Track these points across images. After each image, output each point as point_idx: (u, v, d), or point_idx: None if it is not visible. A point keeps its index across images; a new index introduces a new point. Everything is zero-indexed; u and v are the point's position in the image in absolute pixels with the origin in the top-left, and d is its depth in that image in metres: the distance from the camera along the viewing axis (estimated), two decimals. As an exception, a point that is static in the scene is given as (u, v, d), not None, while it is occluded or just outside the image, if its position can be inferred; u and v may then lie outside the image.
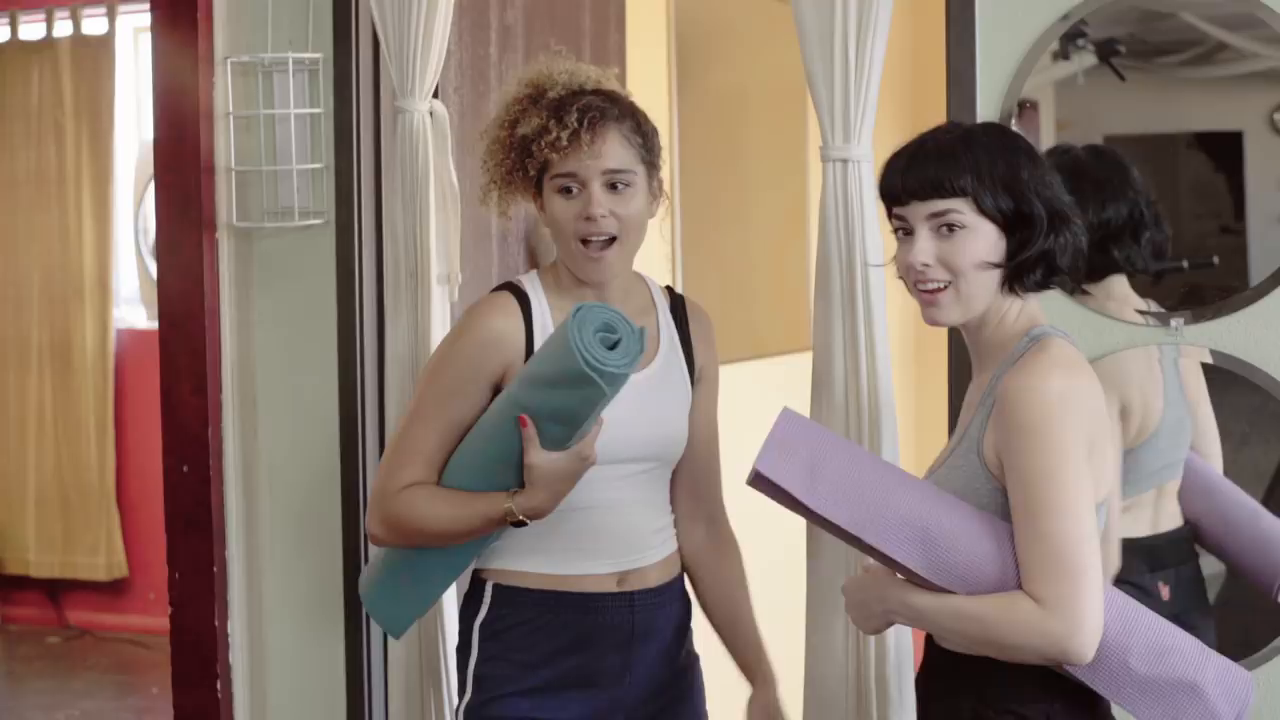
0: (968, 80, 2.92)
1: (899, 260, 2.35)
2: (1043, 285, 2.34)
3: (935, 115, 2.96)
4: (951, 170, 2.27)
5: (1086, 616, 2.15)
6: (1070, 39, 2.88)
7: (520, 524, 2.56)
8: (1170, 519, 2.87)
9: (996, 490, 2.26)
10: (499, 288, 2.75)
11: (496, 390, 2.65)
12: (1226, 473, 2.86)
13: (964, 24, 2.93)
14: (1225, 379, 2.82)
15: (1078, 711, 2.29)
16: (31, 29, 7.06)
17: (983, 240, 2.29)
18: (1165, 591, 2.29)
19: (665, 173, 2.78)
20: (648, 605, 2.71)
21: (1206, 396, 2.85)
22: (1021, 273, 2.31)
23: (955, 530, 2.23)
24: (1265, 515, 2.83)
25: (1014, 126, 2.92)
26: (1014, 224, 2.29)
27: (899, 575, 2.31)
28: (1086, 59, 2.88)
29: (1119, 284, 2.87)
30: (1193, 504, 2.87)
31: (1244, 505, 2.85)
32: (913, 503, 2.25)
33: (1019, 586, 2.19)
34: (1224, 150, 2.86)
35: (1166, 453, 2.85)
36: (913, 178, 2.30)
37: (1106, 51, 2.87)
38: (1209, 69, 2.86)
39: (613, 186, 2.63)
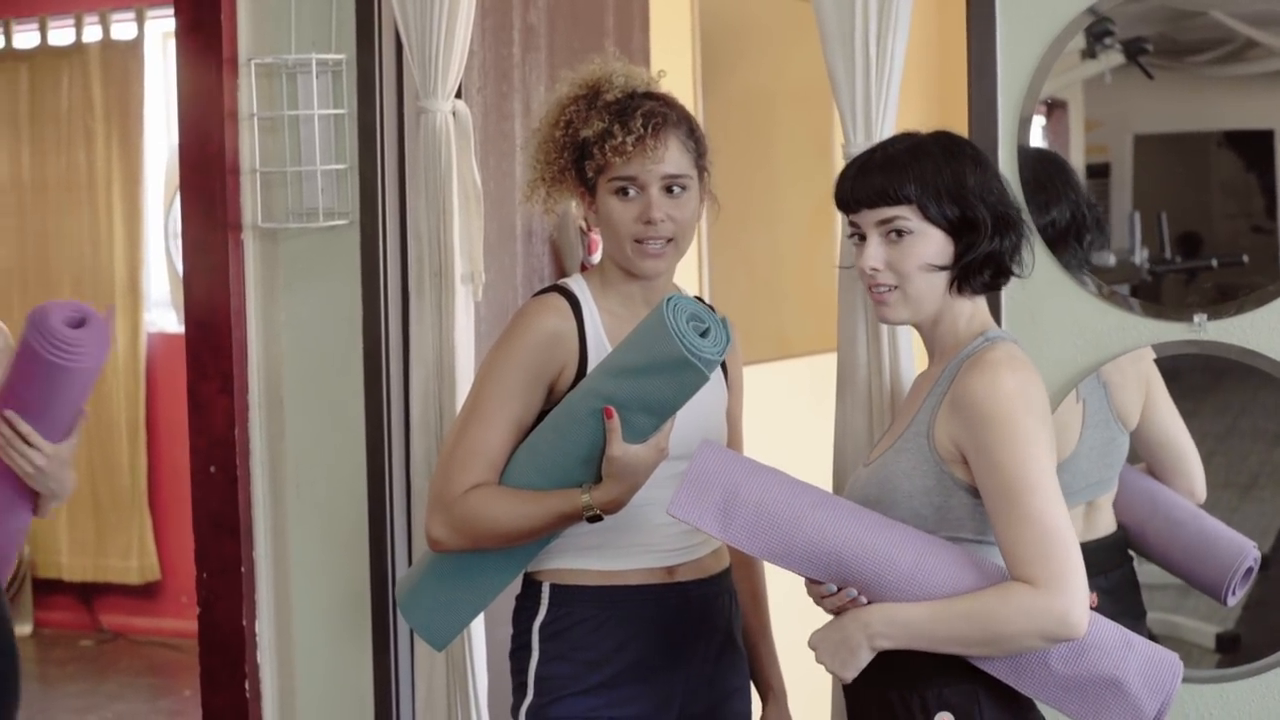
0: (989, 76, 2.92)
1: (856, 264, 2.46)
2: (991, 286, 2.45)
3: (960, 109, 2.96)
4: (897, 179, 2.38)
5: (1080, 589, 2.22)
6: (1097, 38, 2.87)
7: (596, 518, 2.56)
8: (1103, 526, 2.91)
9: (943, 474, 2.35)
10: (547, 289, 2.74)
11: (551, 391, 2.66)
12: (1259, 474, 2.87)
13: (985, 19, 2.93)
14: (1260, 379, 2.81)
15: (1002, 693, 2.33)
16: (61, 34, 7.11)
17: (929, 245, 2.39)
18: (1093, 599, 2.34)
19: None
20: (701, 596, 2.72)
21: (1169, 413, 2.88)
22: (969, 275, 2.41)
23: (869, 545, 2.28)
24: (1206, 516, 2.87)
25: (1042, 126, 2.94)
26: (960, 229, 2.39)
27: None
28: (1114, 58, 2.88)
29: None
30: (1135, 511, 2.90)
31: (1185, 507, 2.89)
32: (825, 526, 2.30)
33: (939, 583, 2.25)
34: (1255, 149, 2.86)
35: (1089, 473, 2.89)
36: (862, 187, 2.42)
37: (1134, 50, 2.86)
38: (1239, 66, 2.86)
39: (669, 190, 2.66)
